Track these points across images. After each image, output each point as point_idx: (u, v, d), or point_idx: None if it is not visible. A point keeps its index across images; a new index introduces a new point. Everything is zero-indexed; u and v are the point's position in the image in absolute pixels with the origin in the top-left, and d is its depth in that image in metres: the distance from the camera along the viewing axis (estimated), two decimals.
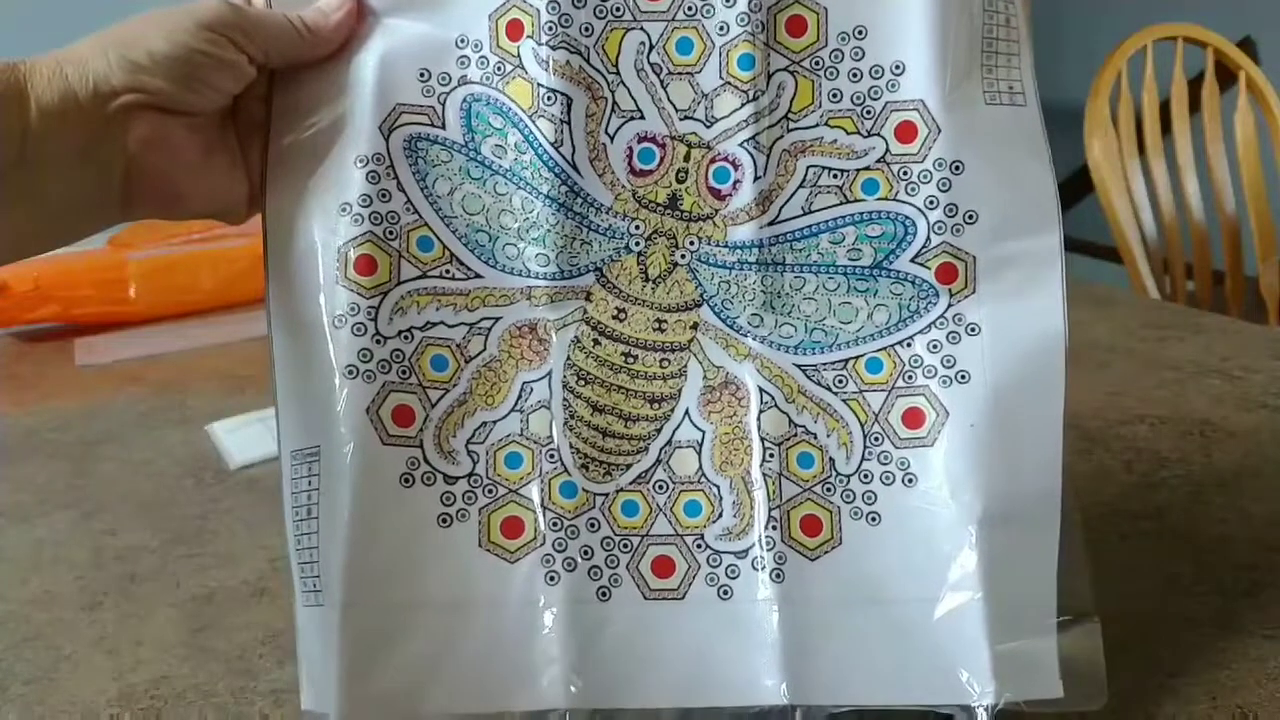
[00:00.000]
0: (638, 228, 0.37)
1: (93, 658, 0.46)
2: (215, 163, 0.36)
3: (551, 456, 0.37)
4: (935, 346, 0.36)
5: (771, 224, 0.37)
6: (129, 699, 0.43)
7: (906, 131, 0.36)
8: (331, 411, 0.36)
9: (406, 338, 0.36)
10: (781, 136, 0.37)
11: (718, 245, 0.37)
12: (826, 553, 0.36)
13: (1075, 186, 1.67)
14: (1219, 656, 0.42)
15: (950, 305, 0.36)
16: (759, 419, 0.37)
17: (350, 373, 0.36)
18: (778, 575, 0.36)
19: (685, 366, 0.37)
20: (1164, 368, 0.72)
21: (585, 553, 0.36)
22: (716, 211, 0.37)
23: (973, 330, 0.36)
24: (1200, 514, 0.53)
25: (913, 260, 0.36)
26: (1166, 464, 0.58)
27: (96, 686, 0.44)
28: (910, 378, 0.37)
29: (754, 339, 0.37)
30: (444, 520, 0.36)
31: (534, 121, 0.36)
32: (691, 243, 0.37)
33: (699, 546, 0.37)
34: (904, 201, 0.36)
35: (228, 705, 0.42)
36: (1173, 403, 0.66)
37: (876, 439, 0.37)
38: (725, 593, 0.36)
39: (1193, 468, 0.58)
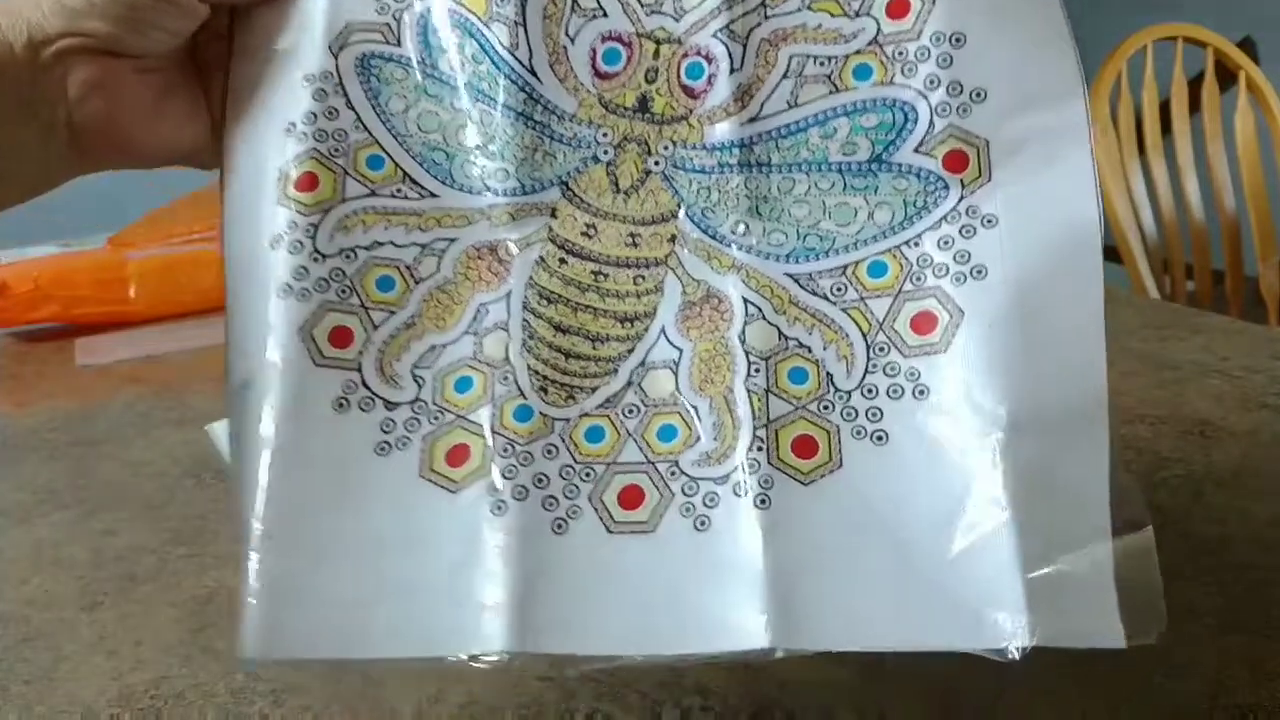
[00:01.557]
0: (605, 135, 0.34)
1: (92, 658, 0.46)
2: (172, 106, 0.35)
3: (505, 379, 0.34)
4: (947, 243, 0.32)
5: (753, 121, 0.33)
6: (129, 699, 0.43)
7: (898, 6, 0.33)
8: (263, 334, 0.33)
9: (349, 257, 0.34)
10: (759, 24, 0.33)
11: (694, 148, 0.34)
12: (823, 476, 0.32)
13: None
14: (1219, 656, 0.42)
15: (963, 197, 0.32)
16: (744, 331, 0.33)
17: (283, 292, 0.33)
18: (763, 500, 0.32)
19: (662, 282, 0.34)
20: (1164, 368, 0.72)
21: (539, 481, 0.33)
22: (691, 111, 0.34)
23: (989, 222, 0.32)
24: (1200, 514, 0.53)
25: (916, 150, 0.33)
26: (1166, 464, 0.58)
27: (96, 687, 0.44)
28: (919, 279, 0.33)
29: (739, 249, 0.34)
30: (382, 449, 0.33)
31: (488, 27, 0.34)
32: (665, 148, 0.34)
33: (673, 474, 0.33)
34: (901, 85, 0.33)
35: (228, 705, 0.42)
36: (1173, 403, 0.66)
37: (881, 349, 0.33)
38: (702, 524, 0.33)
39: (1193, 468, 0.58)
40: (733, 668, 0.40)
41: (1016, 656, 0.30)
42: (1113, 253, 1.32)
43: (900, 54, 0.33)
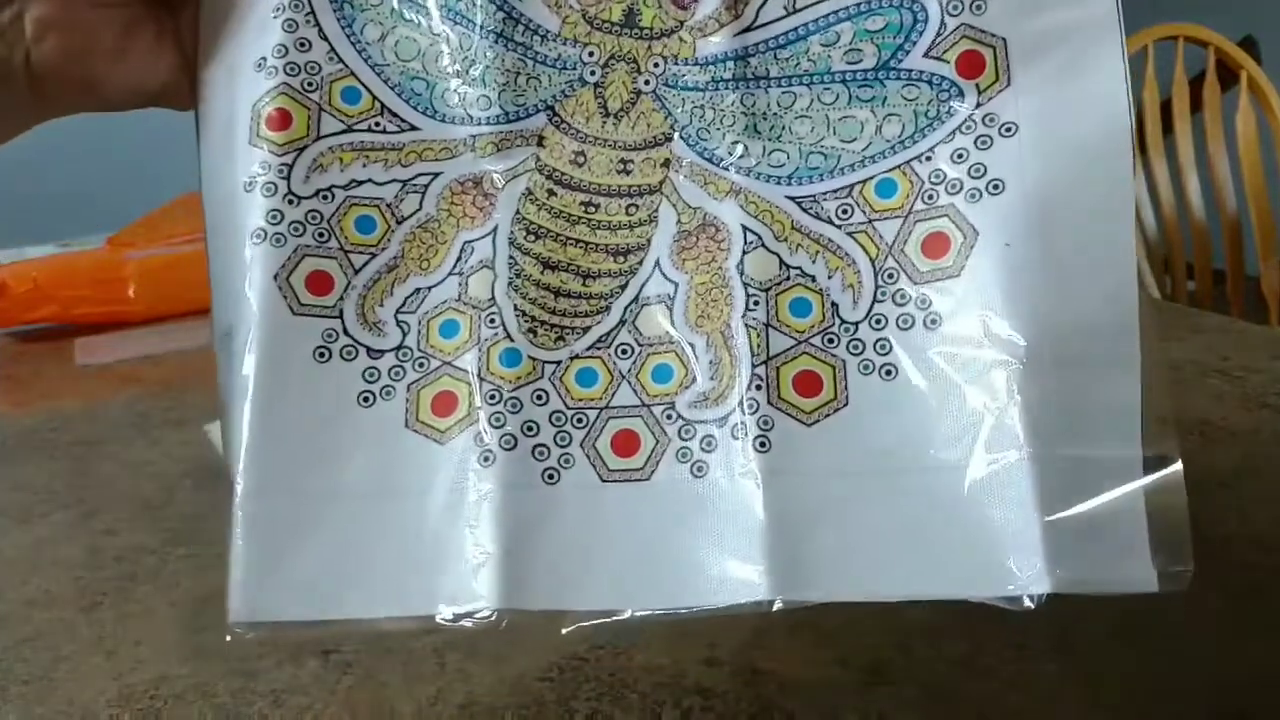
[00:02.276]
0: (591, 54, 0.32)
1: (92, 658, 0.46)
2: (136, 42, 0.33)
3: (491, 321, 0.32)
4: (961, 156, 0.30)
5: (748, 30, 0.31)
6: (128, 699, 0.43)
7: None
8: (240, 284, 0.32)
9: (326, 198, 0.32)
10: None
11: (686, 64, 0.32)
12: (827, 416, 0.31)
13: None
14: (1219, 656, 0.42)
15: (979, 105, 0.30)
16: (742, 261, 0.32)
17: (258, 237, 0.32)
18: (762, 444, 0.30)
19: (656, 211, 0.32)
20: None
21: (528, 429, 0.31)
22: (681, 23, 0.32)
23: (1008, 131, 0.30)
24: (1200, 514, 0.53)
25: (927, 55, 0.30)
26: None
27: (96, 687, 0.44)
28: (931, 197, 0.30)
29: (737, 171, 0.32)
30: (366, 399, 0.32)
31: None
32: (656, 65, 0.32)
33: (669, 417, 0.32)
34: None
35: (227, 705, 0.42)
36: (1173, 403, 0.66)
37: (890, 276, 0.31)
38: (699, 469, 0.31)
39: (1193, 468, 0.58)
40: (734, 669, 0.40)
41: (1032, 605, 0.28)
42: None
43: None
